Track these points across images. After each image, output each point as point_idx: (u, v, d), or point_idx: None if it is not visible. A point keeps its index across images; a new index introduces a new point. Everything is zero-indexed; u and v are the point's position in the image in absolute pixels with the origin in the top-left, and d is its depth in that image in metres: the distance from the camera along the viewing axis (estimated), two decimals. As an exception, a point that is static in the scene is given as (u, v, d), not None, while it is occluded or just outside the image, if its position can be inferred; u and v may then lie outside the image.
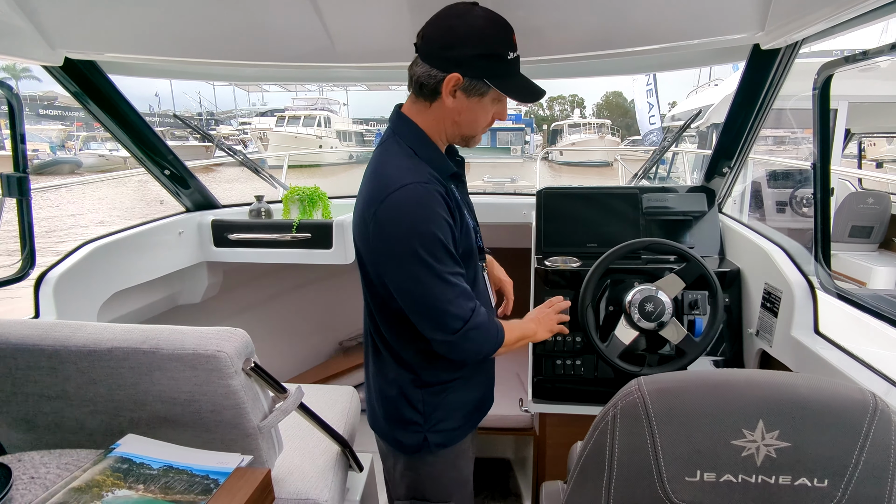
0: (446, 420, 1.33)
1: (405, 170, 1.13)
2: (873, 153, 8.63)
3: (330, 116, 30.67)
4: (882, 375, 1.19)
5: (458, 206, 1.19)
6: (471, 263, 1.25)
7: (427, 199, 1.10)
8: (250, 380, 1.16)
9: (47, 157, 24.48)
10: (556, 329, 1.43)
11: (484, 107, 1.17)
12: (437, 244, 1.10)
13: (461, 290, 1.15)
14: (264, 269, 2.85)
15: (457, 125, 1.19)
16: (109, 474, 0.99)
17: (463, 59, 1.10)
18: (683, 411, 0.76)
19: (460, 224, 1.18)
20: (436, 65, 1.12)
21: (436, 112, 1.18)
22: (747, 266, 1.76)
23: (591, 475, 0.83)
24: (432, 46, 1.12)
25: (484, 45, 1.09)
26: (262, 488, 1.01)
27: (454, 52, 1.10)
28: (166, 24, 1.53)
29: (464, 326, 1.15)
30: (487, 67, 1.11)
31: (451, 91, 1.13)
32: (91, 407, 1.16)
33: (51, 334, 1.12)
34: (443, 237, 1.10)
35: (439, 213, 1.10)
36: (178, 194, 2.35)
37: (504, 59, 1.11)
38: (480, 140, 1.27)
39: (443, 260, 1.11)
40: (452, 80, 1.11)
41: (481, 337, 1.19)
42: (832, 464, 0.73)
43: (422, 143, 1.20)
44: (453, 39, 1.09)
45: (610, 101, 69.91)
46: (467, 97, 1.14)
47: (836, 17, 1.16)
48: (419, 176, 1.12)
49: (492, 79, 1.12)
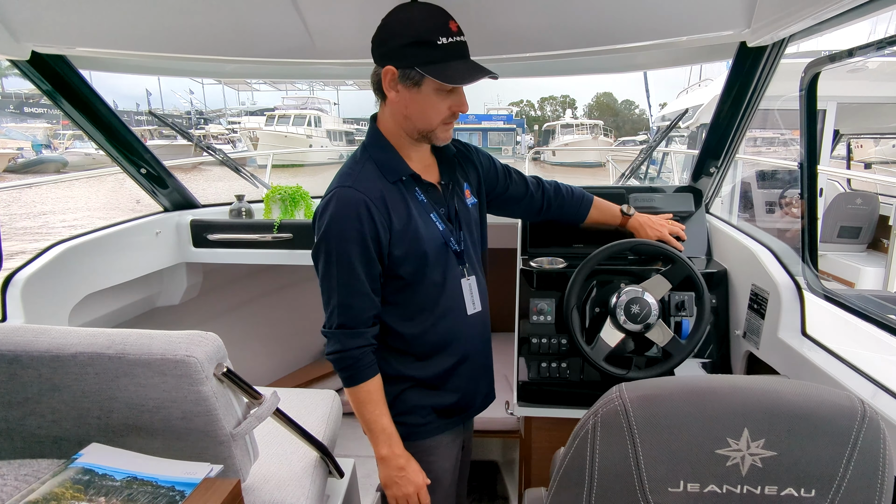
0: (411, 415, 1.35)
1: (342, 174, 1.21)
2: (860, 155, 8.70)
3: (320, 116, 30.54)
4: (869, 378, 1.17)
5: (406, 207, 1.22)
6: (429, 267, 1.27)
7: (344, 205, 1.16)
8: (222, 385, 1.12)
9: (32, 157, 24.15)
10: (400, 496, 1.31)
11: (426, 97, 1.16)
12: (340, 249, 1.17)
13: (347, 301, 1.21)
14: (246, 269, 2.81)
15: (408, 119, 1.20)
16: (69, 486, 0.95)
17: (394, 50, 1.13)
18: (666, 419, 0.73)
19: (400, 226, 1.21)
20: (377, 61, 1.18)
21: (390, 109, 1.22)
22: (734, 267, 1.74)
23: (571, 484, 0.80)
24: (373, 46, 1.18)
25: (412, 33, 1.11)
26: (232, 499, 0.97)
27: (386, 46, 1.14)
28: (140, 17, 1.48)
29: (327, 330, 1.24)
30: (417, 55, 1.12)
31: (389, 84, 1.16)
32: (54, 415, 1.12)
33: (11, 338, 1.08)
34: (348, 243, 1.17)
35: (352, 219, 1.16)
36: (156, 193, 2.30)
37: (434, 45, 1.11)
38: (447, 137, 1.26)
39: (339, 263, 1.18)
40: (388, 74, 1.15)
41: (333, 354, 1.24)
42: (820, 473, 0.71)
43: (378, 146, 1.25)
44: (386, 34, 1.14)
45: (601, 102, 70.28)
46: (407, 88, 1.16)
47: (821, 13, 1.14)
48: (350, 180, 1.19)
49: (422, 66, 1.12)
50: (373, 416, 1.26)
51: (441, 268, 1.28)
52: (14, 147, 25.25)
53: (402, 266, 1.24)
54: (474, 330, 1.40)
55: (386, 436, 1.27)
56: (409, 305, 1.29)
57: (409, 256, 1.23)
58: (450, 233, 1.31)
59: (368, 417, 1.26)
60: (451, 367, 1.37)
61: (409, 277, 1.26)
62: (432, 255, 1.26)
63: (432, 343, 1.33)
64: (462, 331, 1.37)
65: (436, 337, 1.33)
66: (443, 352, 1.35)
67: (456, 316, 1.34)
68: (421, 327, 1.31)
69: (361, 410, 1.27)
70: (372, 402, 1.26)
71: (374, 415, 1.26)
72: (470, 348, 1.40)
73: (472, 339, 1.40)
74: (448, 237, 1.30)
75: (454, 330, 1.35)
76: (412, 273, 1.25)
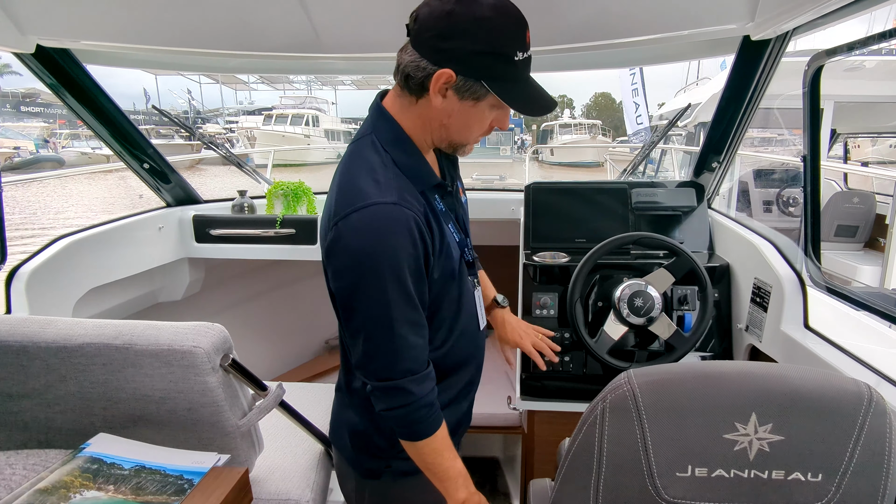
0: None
1: (373, 182, 0.96)
2: (857, 155, 8.73)
3: (318, 115, 30.47)
4: (872, 369, 1.18)
5: (438, 222, 1.03)
6: (452, 283, 1.09)
7: (393, 223, 0.93)
8: (228, 377, 1.13)
9: (29, 155, 24.10)
10: None
11: (479, 112, 0.99)
12: (394, 277, 0.94)
13: (410, 342, 0.99)
14: (248, 265, 2.81)
15: (445, 129, 1.01)
16: (78, 475, 0.95)
17: (460, 53, 0.91)
18: (674, 405, 0.73)
19: (439, 245, 1.02)
20: (427, 55, 0.94)
21: (422, 110, 1.00)
22: (737, 261, 1.75)
23: (579, 471, 0.81)
24: (425, 33, 0.93)
25: (488, 40, 0.91)
26: (239, 488, 0.98)
27: (450, 43, 0.91)
28: (145, 11, 1.48)
29: (385, 383, 1.00)
30: (488, 68, 0.93)
31: (440, 89, 0.95)
32: (61, 405, 1.12)
33: (19, 330, 1.08)
34: (402, 270, 0.95)
35: (404, 240, 0.94)
36: (159, 189, 2.30)
37: (511, 61, 0.92)
38: (472, 149, 1.09)
39: (398, 295, 0.96)
40: (444, 77, 0.93)
41: (400, 408, 1.00)
42: (826, 457, 0.71)
43: (401, 148, 1.02)
44: (451, 28, 0.90)
45: (599, 102, 70.30)
46: (460, 99, 0.96)
47: (825, 6, 1.15)
48: (388, 192, 0.95)
49: (491, 81, 0.94)
50: (449, 463, 1.07)
51: (458, 282, 1.11)
52: (11, 146, 25.19)
53: (433, 288, 1.05)
54: (483, 346, 1.27)
55: (463, 478, 1.08)
56: (428, 328, 1.08)
57: (441, 277, 1.05)
58: (464, 242, 1.16)
59: (446, 465, 1.06)
60: (459, 391, 1.21)
61: (433, 298, 1.06)
62: (456, 271, 1.10)
63: (446, 367, 1.16)
64: (476, 348, 1.22)
65: (452, 359, 1.16)
66: (454, 375, 1.19)
67: (470, 333, 1.18)
68: (440, 351, 1.12)
69: (438, 460, 1.06)
70: (447, 447, 1.07)
71: (450, 461, 1.07)
72: (478, 367, 1.27)
73: (481, 357, 1.27)
74: (463, 247, 1.15)
75: (469, 349, 1.19)
76: (437, 293, 1.06)
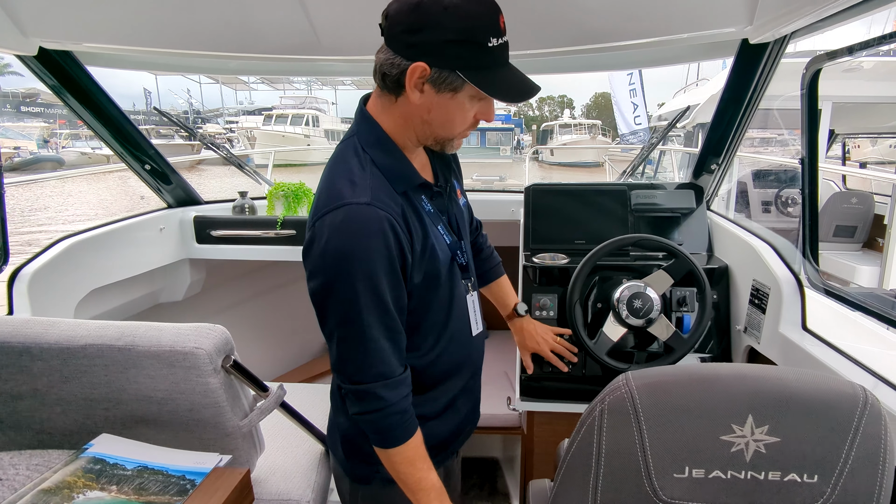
0: None
1: (349, 183, 0.95)
2: (857, 155, 8.75)
3: (318, 115, 30.45)
4: (869, 371, 1.18)
5: (421, 223, 1.02)
6: (439, 287, 1.07)
7: (365, 224, 0.91)
8: (230, 378, 1.13)
9: (29, 155, 24.10)
10: None
11: (459, 104, 0.96)
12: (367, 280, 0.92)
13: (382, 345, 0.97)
14: (248, 266, 2.81)
15: (427, 125, 0.99)
16: (81, 475, 0.96)
17: (432, 45, 0.89)
18: (672, 406, 0.74)
19: (420, 247, 1.00)
20: (399, 51, 0.92)
21: (402, 108, 0.98)
22: (735, 263, 1.75)
23: (578, 472, 0.82)
24: (396, 28, 0.91)
25: (459, 28, 0.87)
26: (241, 489, 0.98)
27: (420, 36, 0.89)
28: (146, 13, 1.49)
29: (356, 386, 0.98)
30: (461, 57, 0.90)
31: (416, 84, 0.92)
32: (64, 406, 1.13)
33: (22, 331, 1.09)
34: (375, 271, 0.93)
35: (377, 241, 0.92)
36: (160, 190, 2.30)
37: (484, 48, 0.89)
38: (460, 144, 1.07)
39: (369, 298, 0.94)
40: (417, 71, 0.90)
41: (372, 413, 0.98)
42: (822, 459, 0.72)
43: (381, 149, 1.01)
44: (420, 20, 0.88)
45: (599, 102, 70.36)
46: (437, 92, 0.93)
47: (824, 9, 1.15)
48: (363, 193, 0.93)
49: (466, 70, 0.91)
50: (422, 474, 1.03)
51: (448, 286, 1.09)
52: (11, 146, 25.19)
53: (415, 292, 1.03)
54: (478, 353, 1.23)
55: (437, 492, 1.04)
56: (414, 334, 1.07)
57: (425, 280, 1.03)
58: (456, 244, 1.12)
59: (419, 476, 1.03)
60: (452, 399, 1.18)
61: (418, 302, 1.04)
62: (444, 274, 1.07)
63: (435, 374, 1.13)
64: (468, 355, 1.19)
65: (440, 367, 1.13)
66: (444, 383, 1.16)
67: (462, 339, 1.16)
68: (426, 358, 1.10)
69: (409, 470, 1.02)
70: (420, 456, 1.03)
71: (423, 472, 1.03)
72: (473, 374, 1.24)
73: (475, 364, 1.24)
74: (455, 249, 1.11)
75: (460, 356, 1.16)
76: (421, 297, 1.04)
